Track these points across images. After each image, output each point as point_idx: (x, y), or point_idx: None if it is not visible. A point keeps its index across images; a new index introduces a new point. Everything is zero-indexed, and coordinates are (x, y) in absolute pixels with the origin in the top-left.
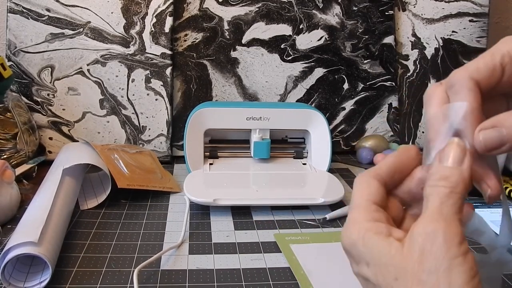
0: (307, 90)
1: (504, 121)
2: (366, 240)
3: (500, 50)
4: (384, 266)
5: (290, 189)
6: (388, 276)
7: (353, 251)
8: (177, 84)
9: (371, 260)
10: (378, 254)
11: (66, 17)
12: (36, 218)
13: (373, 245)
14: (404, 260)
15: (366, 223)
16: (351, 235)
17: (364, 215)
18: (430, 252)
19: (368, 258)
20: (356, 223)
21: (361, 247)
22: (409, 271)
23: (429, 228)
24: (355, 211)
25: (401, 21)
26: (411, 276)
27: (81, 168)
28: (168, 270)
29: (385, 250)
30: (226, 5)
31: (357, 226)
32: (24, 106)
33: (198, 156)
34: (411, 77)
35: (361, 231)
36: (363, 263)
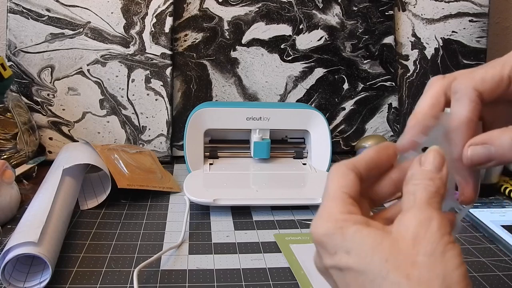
0: (307, 90)
1: (495, 139)
2: (345, 230)
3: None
4: (371, 250)
5: (290, 189)
6: (376, 259)
7: (328, 242)
8: (177, 84)
9: (353, 248)
10: (362, 240)
11: (66, 17)
12: (36, 218)
13: (354, 233)
14: (395, 244)
15: (342, 215)
16: (325, 226)
17: (341, 207)
18: (424, 237)
19: (349, 246)
20: (332, 215)
21: (338, 236)
22: (401, 254)
23: (422, 216)
24: (331, 202)
25: (401, 21)
26: (404, 258)
27: (81, 168)
28: (168, 270)
29: (370, 236)
30: (226, 5)
31: (333, 218)
32: (24, 106)
33: (198, 156)
34: (411, 77)
35: (338, 222)
36: (341, 253)
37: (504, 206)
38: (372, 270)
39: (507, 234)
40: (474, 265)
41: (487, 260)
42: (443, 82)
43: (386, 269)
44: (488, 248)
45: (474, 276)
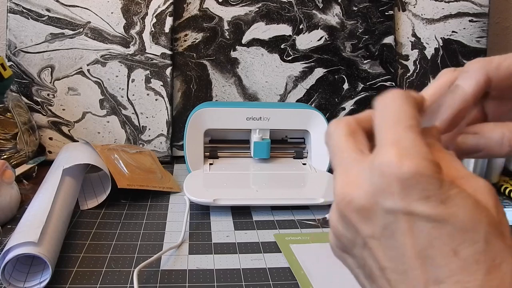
0: (307, 90)
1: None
2: (445, 181)
3: None
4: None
5: (290, 189)
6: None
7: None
8: (177, 84)
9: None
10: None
11: (66, 17)
12: (36, 218)
13: (457, 192)
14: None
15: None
16: (416, 163)
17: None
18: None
19: (447, 198)
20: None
21: (436, 182)
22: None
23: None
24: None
25: (401, 21)
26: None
27: (81, 168)
28: (168, 270)
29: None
30: (226, 5)
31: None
32: (24, 106)
33: (198, 156)
34: (411, 77)
35: (434, 163)
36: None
37: (504, 206)
38: (476, 231)
39: None
40: None
41: None
42: (453, 74)
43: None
44: None
45: None
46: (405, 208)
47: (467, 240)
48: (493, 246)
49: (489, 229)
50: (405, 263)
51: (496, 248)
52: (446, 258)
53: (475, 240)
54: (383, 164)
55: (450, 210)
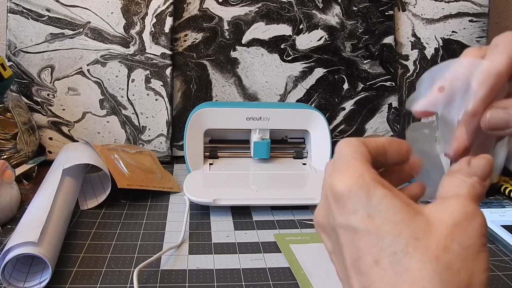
0: (307, 90)
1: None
2: (372, 191)
3: None
4: (401, 223)
5: (290, 189)
6: (405, 233)
7: (350, 199)
8: (177, 84)
9: (379, 213)
10: (391, 209)
11: (66, 17)
12: (36, 218)
13: (382, 197)
14: (429, 225)
15: (369, 174)
16: (350, 182)
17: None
18: (465, 228)
19: (374, 210)
20: (358, 171)
21: (364, 196)
22: (434, 235)
23: (469, 209)
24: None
25: (401, 21)
26: (437, 240)
27: (81, 168)
28: (168, 270)
29: (402, 208)
30: (226, 5)
31: (358, 174)
32: (24, 106)
33: (198, 156)
34: (411, 77)
35: (365, 180)
36: (362, 214)
37: (504, 206)
38: (397, 243)
39: (507, 234)
40: None
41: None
42: (479, 53)
43: (413, 246)
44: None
45: None
46: (342, 223)
47: (386, 251)
48: (412, 258)
49: (410, 242)
50: (346, 274)
51: (415, 260)
52: (369, 267)
53: (394, 251)
54: (325, 187)
55: (374, 222)
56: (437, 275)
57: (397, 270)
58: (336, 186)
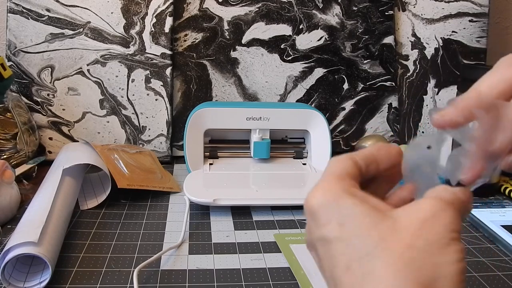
0: (307, 90)
1: None
2: (342, 201)
3: None
4: (368, 226)
5: (290, 189)
6: (373, 235)
7: (322, 212)
8: (177, 84)
9: (348, 220)
10: (359, 214)
11: (66, 17)
12: (36, 218)
13: (351, 206)
14: (396, 225)
15: (341, 187)
16: (322, 197)
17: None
18: (432, 225)
19: (343, 218)
20: (330, 187)
21: (334, 207)
22: (400, 234)
23: (438, 207)
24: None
25: (401, 21)
26: (402, 238)
27: (81, 168)
28: (168, 270)
29: (369, 213)
30: (226, 5)
31: (330, 189)
32: (24, 106)
33: (198, 156)
34: (411, 77)
35: (337, 192)
36: (334, 224)
37: (504, 206)
38: (365, 246)
39: (507, 234)
40: (474, 265)
41: (487, 260)
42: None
43: (381, 247)
44: (488, 248)
45: (474, 276)
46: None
47: (356, 255)
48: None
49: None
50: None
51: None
52: (342, 274)
53: (362, 255)
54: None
55: (345, 230)
56: (399, 273)
57: (363, 273)
58: (310, 202)
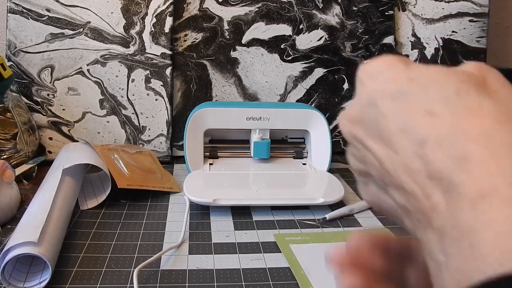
0: (307, 90)
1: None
2: (410, 61)
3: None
4: (443, 75)
5: (290, 189)
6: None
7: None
8: (177, 84)
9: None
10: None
11: (66, 17)
12: (36, 218)
13: (419, 65)
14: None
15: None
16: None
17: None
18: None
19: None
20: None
21: (403, 66)
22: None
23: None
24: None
25: (401, 21)
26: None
27: (81, 168)
28: (168, 270)
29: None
30: (226, 5)
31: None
32: (24, 106)
33: (198, 156)
34: None
35: (397, 58)
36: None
37: None
38: (446, 90)
39: None
40: None
41: None
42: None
43: (465, 88)
44: None
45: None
46: (381, 92)
47: (437, 99)
48: (467, 96)
49: (459, 86)
50: (392, 143)
51: (471, 96)
52: (422, 120)
53: (445, 97)
54: (359, 77)
55: (418, 81)
56: (499, 104)
57: (456, 110)
58: (373, 65)
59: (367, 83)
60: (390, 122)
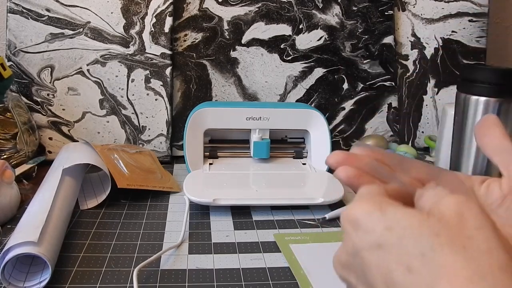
0: (307, 90)
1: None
2: (384, 207)
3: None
4: (418, 225)
5: (290, 189)
6: (425, 233)
7: (366, 220)
8: (177, 84)
9: (395, 224)
10: (407, 216)
11: (66, 17)
12: (36, 218)
13: (394, 210)
14: (441, 220)
15: (379, 197)
16: (363, 206)
17: (374, 194)
18: (469, 214)
19: (390, 223)
20: (369, 197)
21: (378, 213)
22: (451, 229)
23: (460, 198)
24: (362, 194)
25: (401, 21)
26: (457, 232)
27: (81, 168)
28: (167, 270)
29: (413, 213)
30: (226, 5)
31: (370, 199)
32: (24, 106)
33: (198, 156)
34: (410, 77)
35: (377, 201)
36: (382, 229)
37: None
38: (421, 245)
39: None
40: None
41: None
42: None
43: (438, 243)
44: None
45: None
46: (364, 245)
47: (414, 255)
48: (441, 253)
49: (433, 240)
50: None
51: (445, 253)
52: (403, 276)
53: (421, 253)
54: (343, 222)
55: (394, 233)
56: (472, 261)
57: (431, 269)
58: (352, 213)
59: (349, 231)
60: (375, 273)
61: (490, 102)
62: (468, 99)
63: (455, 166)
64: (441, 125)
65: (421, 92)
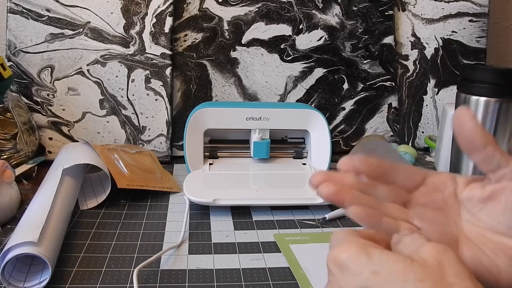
0: (307, 90)
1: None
2: (370, 251)
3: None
4: (403, 270)
5: (290, 189)
6: (410, 278)
7: (352, 263)
8: (177, 84)
9: (382, 268)
10: (390, 261)
11: (66, 17)
12: (36, 218)
13: (380, 254)
14: (424, 266)
15: (361, 240)
16: (349, 250)
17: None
18: (449, 264)
19: (376, 267)
20: (351, 240)
21: (364, 257)
22: (433, 274)
23: (439, 247)
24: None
25: (401, 21)
26: (439, 278)
27: (81, 168)
28: (167, 270)
29: (398, 258)
30: (226, 5)
31: (353, 242)
32: (24, 106)
33: (198, 156)
34: (410, 77)
35: (361, 245)
36: (368, 273)
37: None
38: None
39: None
40: None
41: None
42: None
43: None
44: None
45: None
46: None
47: None
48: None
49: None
50: None
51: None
52: None
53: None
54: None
55: (381, 276)
56: None
57: None
58: (338, 257)
59: (336, 273)
60: None
61: (490, 102)
62: (468, 99)
63: (455, 166)
64: (441, 125)
65: (421, 92)
